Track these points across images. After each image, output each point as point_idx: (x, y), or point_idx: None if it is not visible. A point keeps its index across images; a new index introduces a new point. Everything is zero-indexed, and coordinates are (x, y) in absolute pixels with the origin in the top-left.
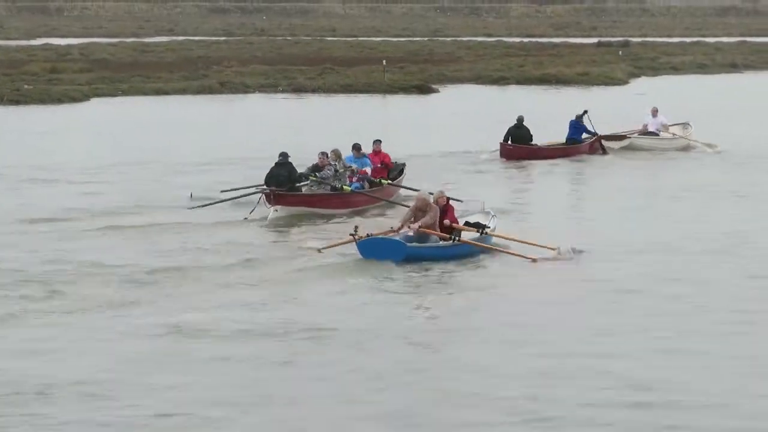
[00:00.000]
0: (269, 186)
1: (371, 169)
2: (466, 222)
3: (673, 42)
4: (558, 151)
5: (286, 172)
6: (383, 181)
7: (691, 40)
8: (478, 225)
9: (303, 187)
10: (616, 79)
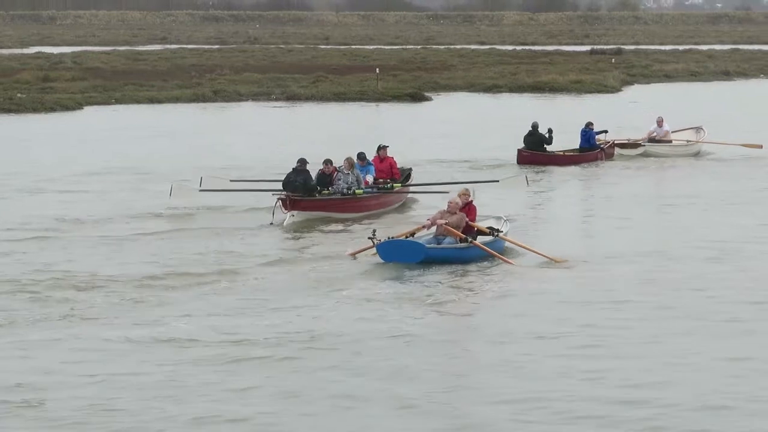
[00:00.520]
0: (286, 191)
1: (373, 177)
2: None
3: (666, 50)
4: (572, 158)
5: (302, 179)
6: (395, 184)
7: (684, 47)
8: (491, 229)
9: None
10: (608, 86)
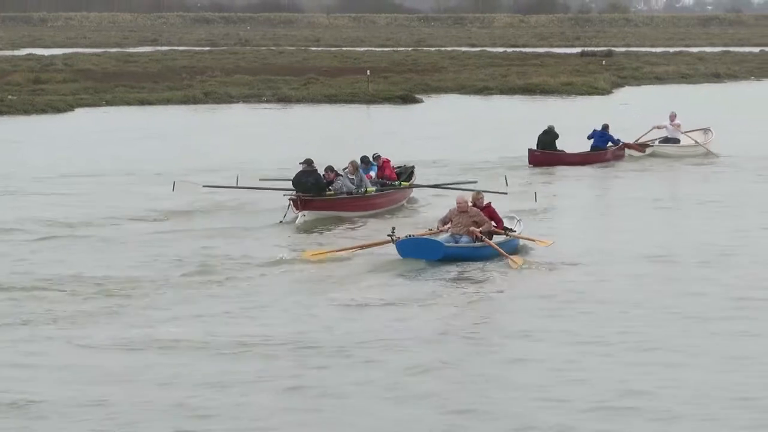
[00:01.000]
0: (297, 191)
1: (375, 174)
2: None
3: (657, 52)
4: (583, 158)
5: (313, 179)
6: (402, 183)
7: (675, 50)
8: (505, 229)
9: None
10: (599, 89)
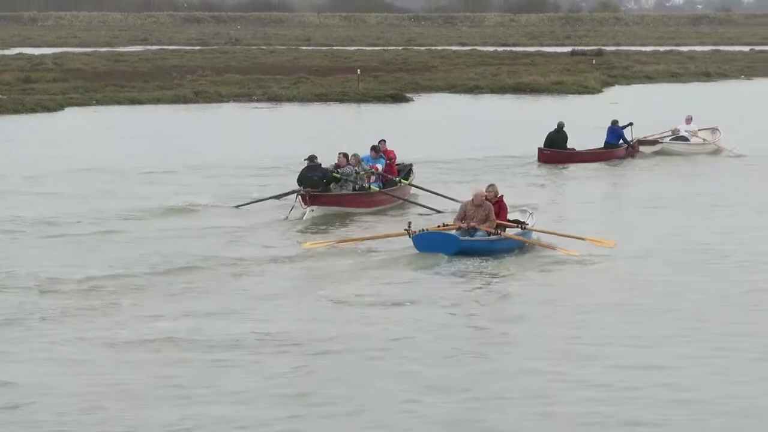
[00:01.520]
0: (304, 187)
1: (382, 167)
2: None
3: (647, 51)
4: (593, 155)
5: (320, 173)
6: (402, 181)
7: (665, 49)
8: (517, 222)
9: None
10: (589, 87)
